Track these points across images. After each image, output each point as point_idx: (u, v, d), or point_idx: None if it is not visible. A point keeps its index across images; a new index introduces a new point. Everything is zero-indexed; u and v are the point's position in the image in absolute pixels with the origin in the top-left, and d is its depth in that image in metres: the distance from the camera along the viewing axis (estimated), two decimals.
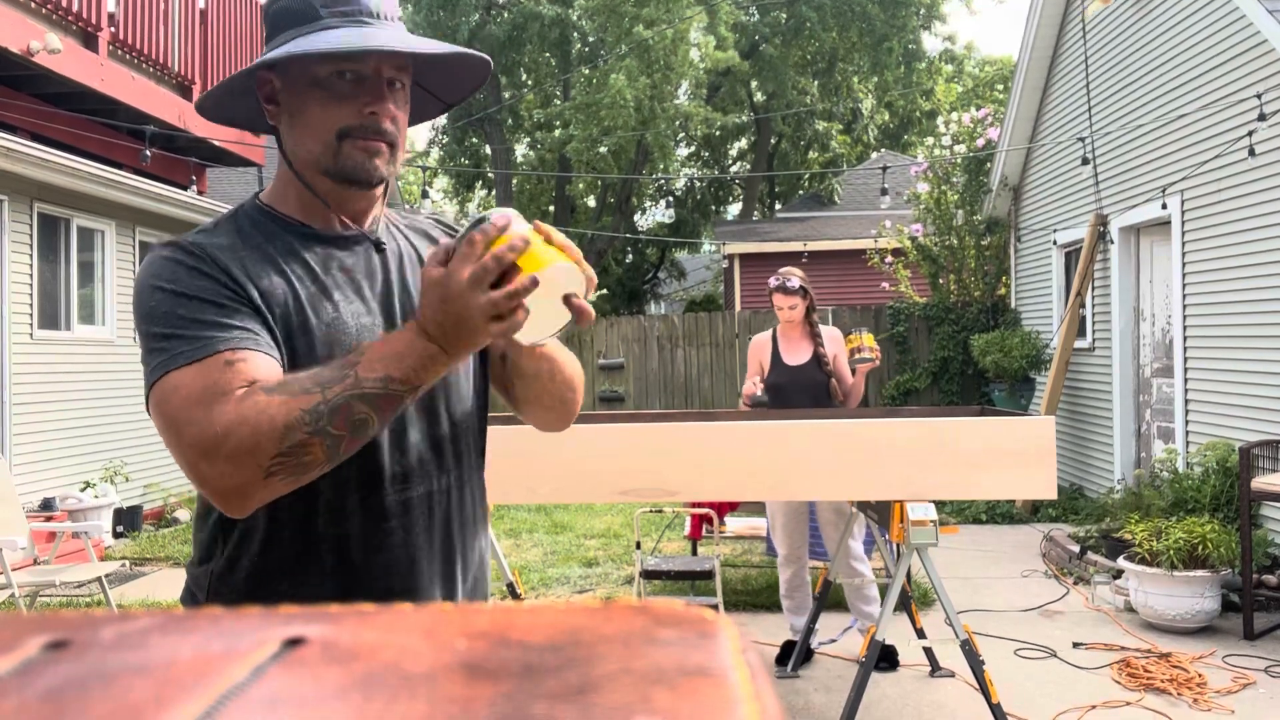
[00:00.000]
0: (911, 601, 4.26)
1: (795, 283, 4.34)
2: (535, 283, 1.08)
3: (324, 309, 1.27)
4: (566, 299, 1.14)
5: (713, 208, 25.13)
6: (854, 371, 4.40)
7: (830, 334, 4.47)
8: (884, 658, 4.33)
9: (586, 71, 19.67)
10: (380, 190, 1.35)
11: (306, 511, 1.24)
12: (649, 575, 4.71)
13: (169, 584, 6.01)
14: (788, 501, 4.31)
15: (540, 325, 1.15)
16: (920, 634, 4.21)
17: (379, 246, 1.35)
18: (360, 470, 1.25)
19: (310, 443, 1.09)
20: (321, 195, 1.32)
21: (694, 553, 5.77)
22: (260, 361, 1.17)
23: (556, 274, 1.11)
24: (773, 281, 4.40)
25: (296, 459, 1.10)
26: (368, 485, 1.27)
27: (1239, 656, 4.51)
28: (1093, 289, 8.16)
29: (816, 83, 22.23)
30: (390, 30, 1.29)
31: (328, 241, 1.33)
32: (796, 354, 4.43)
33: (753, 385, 4.35)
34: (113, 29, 7.85)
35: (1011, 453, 3.11)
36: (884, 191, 9.49)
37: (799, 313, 4.39)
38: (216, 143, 9.42)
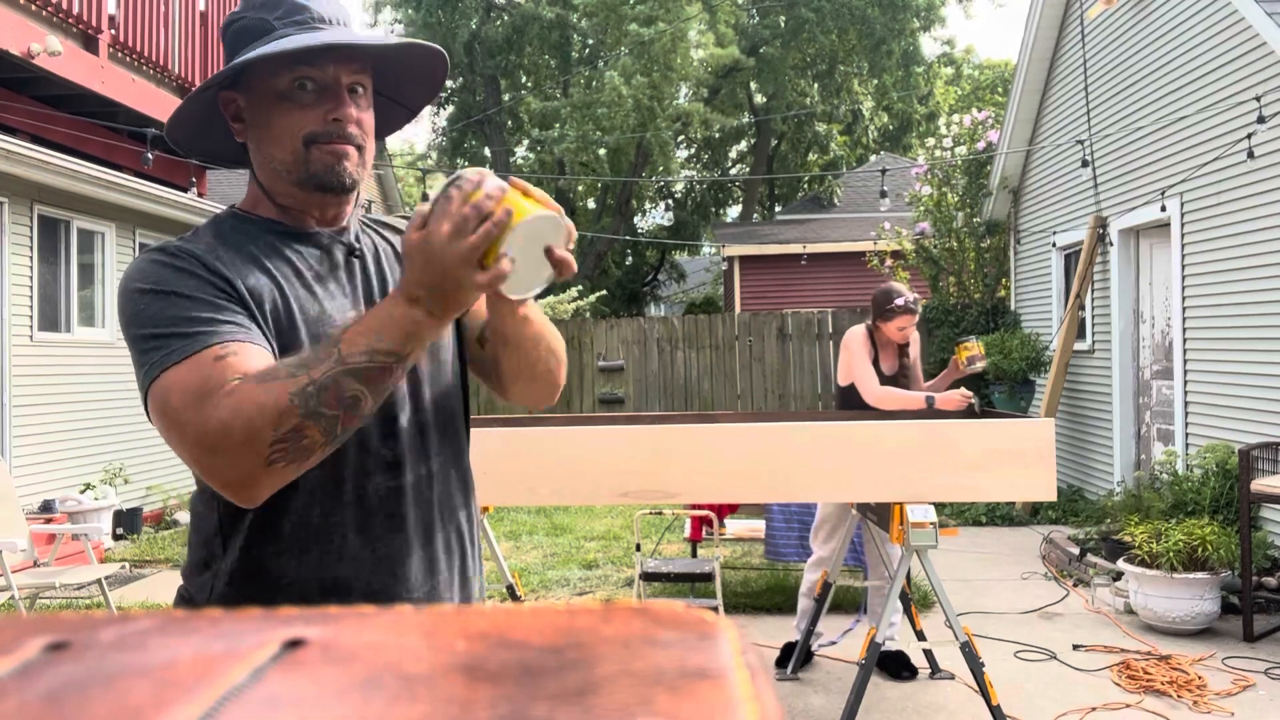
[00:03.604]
0: (911, 603, 4.26)
1: (916, 301, 4.32)
2: (509, 214, 1.09)
3: (310, 306, 1.28)
4: (548, 251, 1.15)
5: (712, 210, 25.14)
6: (929, 376, 4.42)
7: (914, 335, 4.50)
8: (903, 666, 4.32)
9: (587, 73, 19.69)
10: (352, 196, 1.37)
11: (303, 504, 1.25)
12: (649, 577, 4.70)
13: (169, 586, 6.01)
14: (840, 505, 4.28)
15: (525, 279, 1.15)
16: (920, 636, 4.21)
17: (352, 251, 1.37)
18: (353, 459, 1.27)
19: (304, 426, 1.09)
20: (293, 207, 1.34)
21: (694, 555, 5.77)
22: (251, 353, 1.17)
23: (536, 223, 1.12)
24: (900, 301, 4.29)
25: (294, 443, 1.10)
26: (360, 474, 1.28)
27: (1239, 658, 4.51)
28: (1092, 291, 8.16)
29: (816, 85, 22.25)
30: (343, 32, 1.31)
31: (307, 239, 1.34)
32: (890, 362, 4.44)
33: (964, 397, 4.16)
34: (113, 31, 7.85)
35: (1011, 454, 3.11)
36: (884, 194, 9.50)
37: (912, 330, 4.40)
38: None
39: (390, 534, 1.30)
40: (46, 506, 6.67)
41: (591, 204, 24.03)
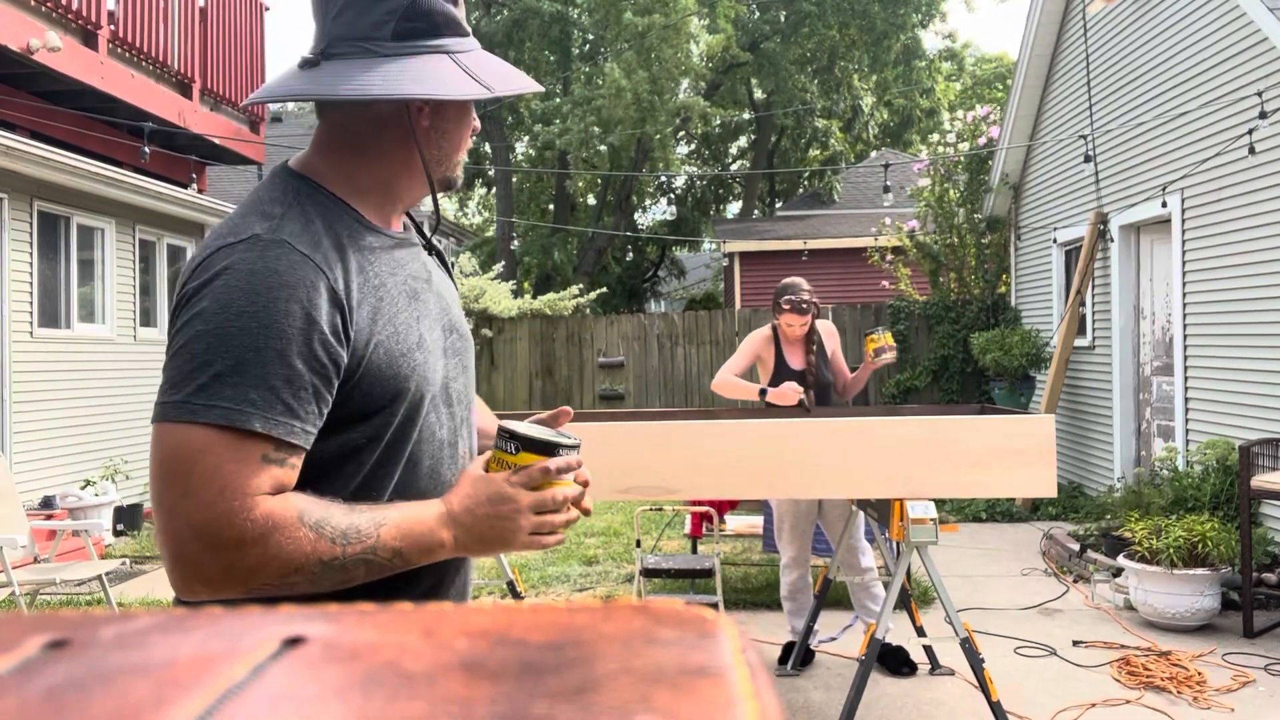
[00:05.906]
0: (911, 599, 4.26)
1: (807, 301, 4.34)
2: (583, 514, 1.28)
3: (409, 335, 1.22)
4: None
5: (713, 206, 25.13)
6: (849, 367, 4.54)
7: (826, 329, 4.50)
8: (902, 661, 4.33)
9: (587, 69, 19.66)
10: None
11: None
12: (649, 573, 4.71)
13: (169, 582, 6.01)
14: (796, 503, 4.30)
15: None
16: (920, 632, 4.21)
17: (429, 248, 1.38)
18: (426, 487, 1.25)
19: (302, 583, 1.09)
20: (380, 198, 1.27)
21: (694, 551, 5.77)
22: (293, 476, 1.11)
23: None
24: (787, 299, 4.33)
25: (284, 588, 1.08)
26: (435, 495, 1.26)
27: (1239, 654, 4.51)
28: (1093, 287, 8.16)
29: (816, 80, 22.22)
30: (497, 60, 1.31)
31: (396, 244, 1.28)
32: (798, 357, 4.45)
33: (794, 391, 4.24)
34: (112, 27, 7.85)
35: (1012, 451, 3.10)
36: (886, 189, 9.49)
37: (807, 328, 4.41)
38: (216, 140, 9.42)
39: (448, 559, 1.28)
40: (47, 503, 6.68)
41: (592, 200, 24.01)
